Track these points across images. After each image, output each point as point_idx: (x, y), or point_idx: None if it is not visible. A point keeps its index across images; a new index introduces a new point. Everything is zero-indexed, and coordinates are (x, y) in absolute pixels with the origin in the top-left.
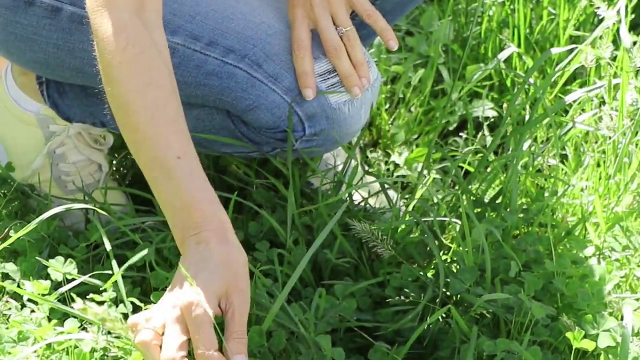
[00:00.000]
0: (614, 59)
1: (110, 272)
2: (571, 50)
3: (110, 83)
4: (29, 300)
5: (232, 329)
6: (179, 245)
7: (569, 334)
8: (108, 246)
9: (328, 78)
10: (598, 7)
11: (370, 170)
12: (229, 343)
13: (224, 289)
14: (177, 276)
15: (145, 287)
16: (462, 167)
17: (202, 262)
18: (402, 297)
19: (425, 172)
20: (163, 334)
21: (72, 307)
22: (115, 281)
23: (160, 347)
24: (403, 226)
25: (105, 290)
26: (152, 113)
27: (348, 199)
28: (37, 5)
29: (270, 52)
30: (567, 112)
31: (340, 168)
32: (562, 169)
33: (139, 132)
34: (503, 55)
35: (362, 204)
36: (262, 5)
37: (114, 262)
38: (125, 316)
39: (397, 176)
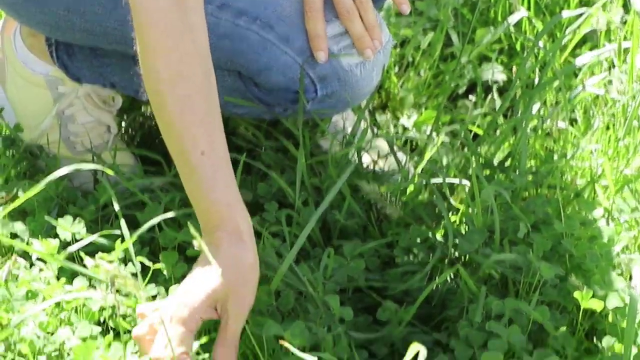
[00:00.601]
0: (624, 23)
1: (118, 232)
2: (581, 14)
3: (145, 68)
4: (38, 259)
5: (223, 336)
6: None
7: (577, 294)
8: (117, 207)
9: (340, 40)
10: None
11: (379, 132)
12: (217, 350)
13: (223, 293)
14: (191, 272)
15: (154, 247)
16: (471, 130)
17: (208, 265)
18: (411, 258)
19: (434, 134)
20: None
21: (83, 266)
22: (124, 241)
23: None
24: (412, 187)
25: (113, 249)
26: (181, 107)
27: (357, 160)
28: None
29: (282, 14)
30: (576, 75)
31: (349, 130)
32: (572, 132)
33: (169, 124)
34: (513, 19)
35: (371, 166)
36: None
37: (122, 223)
38: (134, 275)
39: (406, 139)
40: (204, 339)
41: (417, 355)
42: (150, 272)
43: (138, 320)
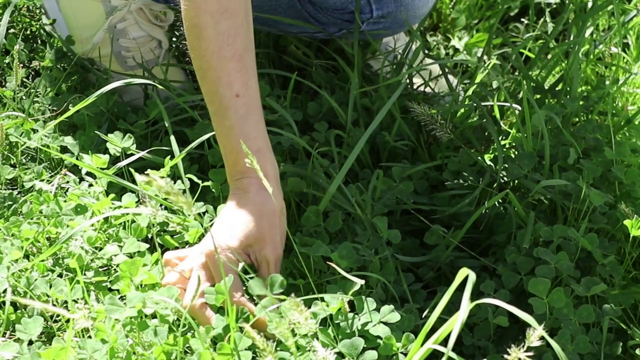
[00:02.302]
0: None
1: (168, 148)
2: None
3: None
4: (87, 173)
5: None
6: (227, 179)
7: (626, 222)
8: (167, 123)
9: None
10: None
11: (430, 54)
12: None
13: (254, 238)
14: (217, 219)
15: (203, 164)
16: (522, 54)
17: (237, 210)
18: (460, 181)
19: (485, 57)
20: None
21: (132, 181)
22: (174, 157)
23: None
24: (462, 110)
25: (162, 166)
26: (221, 44)
27: (408, 81)
28: None
29: None
30: (630, 0)
31: (400, 51)
32: (624, 58)
33: (206, 59)
34: None
35: (422, 87)
36: None
37: (172, 139)
38: (183, 192)
39: (457, 60)
40: None
41: (464, 280)
42: (199, 189)
43: (166, 270)
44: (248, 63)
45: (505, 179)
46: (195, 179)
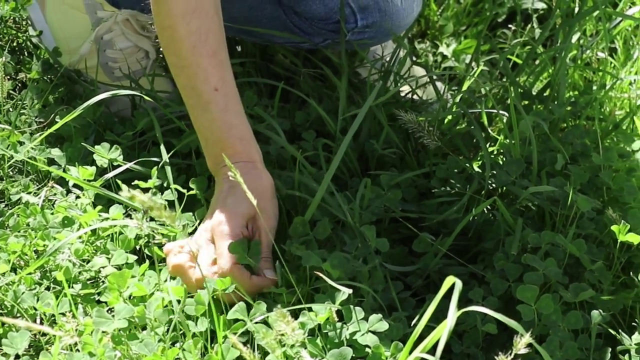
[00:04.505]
0: None
1: (156, 159)
2: None
3: (157, 3)
4: (75, 186)
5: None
6: (211, 171)
7: (614, 228)
8: (158, 133)
9: None
10: None
11: (418, 61)
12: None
13: (251, 212)
14: (211, 206)
15: (191, 174)
16: (510, 60)
17: (231, 190)
18: (448, 188)
19: (473, 63)
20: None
21: (117, 194)
22: (162, 168)
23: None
24: (450, 117)
25: (150, 177)
26: (194, 42)
27: (395, 88)
28: None
29: None
30: (616, 5)
31: (388, 59)
32: (611, 62)
33: (181, 58)
34: None
35: (410, 94)
36: None
37: (162, 149)
38: (171, 203)
39: (445, 67)
40: None
41: (452, 287)
42: (185, 198)
43: (170, 256)
44: (222, 58)
45: (493, 185)
46: (181, 189)
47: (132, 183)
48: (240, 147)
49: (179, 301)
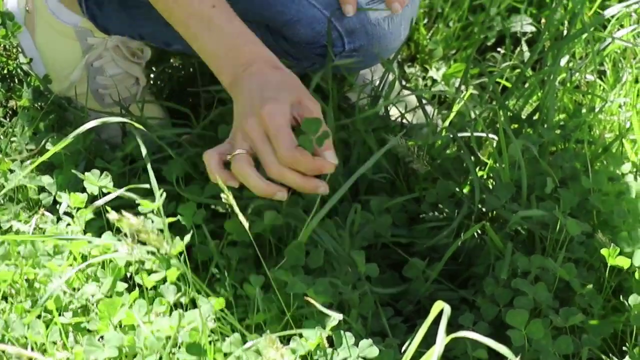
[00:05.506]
0: None
1: (146, 186)
2: None
3: None
4: (65, 213)
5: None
6: (230, 87)
7: (604, 251)
8: (145, 155)
9: None
10: None
11: (407, 85)
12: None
13: (294, 97)
14: (241, 110)
15: (180, 201)
16: (499, 83)
17: (263, 85)
18: (438, 213)
19: (462, 87)
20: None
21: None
22: (152, 194)
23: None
24: (439, 142)
25: (139, 204)
26: None
27: (385, 113)
28: None
29: None
30: (605, 27)
31: (377, 83)
32: (600, 85)
33: None
34: None
35: (399, 119)
36: None
37: (151, 174)
38: (161, 231)
39: (435, 91)
40: None
41: (441, 312)
42: (174, 224)
43: (212, 164)
44: None
45: (483, 210)
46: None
47: (120, 210)
48: (256, 49)
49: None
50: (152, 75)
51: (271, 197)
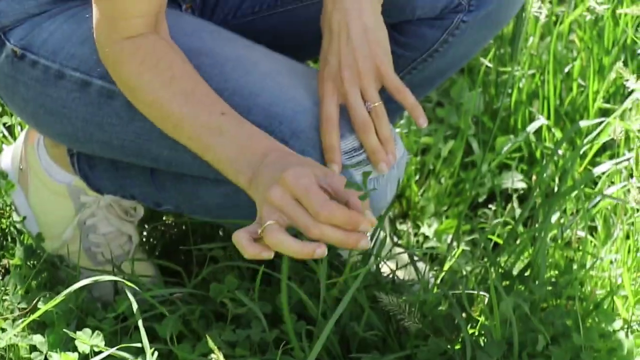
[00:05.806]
0: None
1: (138, 344)
2: (601, 122)
3: (133, 92)
4: None
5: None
6: (249, 184)
7: None
8: (137, 313)
9: (354, 155)
10: (627, 80)
11: (399, 241)
12: (351, 202)
13: (318, 170)
14: (260, 187)
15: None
16: (491, 239)
17: (284, 165)
18: None
19: (454, 244)
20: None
21: None
22: (144, 352)
23: None
24: (431, 299)
25: None
26: (184, 98)
27: (376, 269)
28: (67, 79)
29: (297, 129)
30: (596, 184)
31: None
32: (591, 241)
33: (176, 114)
34: (532, 127)
35: (391, 276)
36: (292, 81)
37: (143, 334)
38: None
39: (427, 248)
40: None
41: None
42: None
43: (245, 242)
44: (218, 98)
45: None
46: None
47: None
48: (270, 143)
49: None
50: (144, 233)
51: (311, 256)
